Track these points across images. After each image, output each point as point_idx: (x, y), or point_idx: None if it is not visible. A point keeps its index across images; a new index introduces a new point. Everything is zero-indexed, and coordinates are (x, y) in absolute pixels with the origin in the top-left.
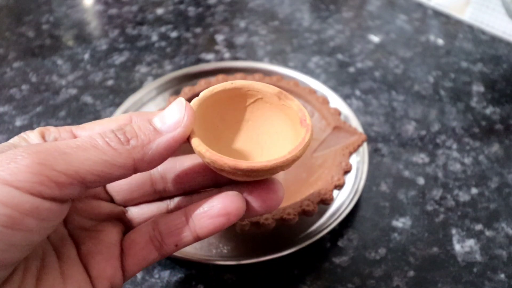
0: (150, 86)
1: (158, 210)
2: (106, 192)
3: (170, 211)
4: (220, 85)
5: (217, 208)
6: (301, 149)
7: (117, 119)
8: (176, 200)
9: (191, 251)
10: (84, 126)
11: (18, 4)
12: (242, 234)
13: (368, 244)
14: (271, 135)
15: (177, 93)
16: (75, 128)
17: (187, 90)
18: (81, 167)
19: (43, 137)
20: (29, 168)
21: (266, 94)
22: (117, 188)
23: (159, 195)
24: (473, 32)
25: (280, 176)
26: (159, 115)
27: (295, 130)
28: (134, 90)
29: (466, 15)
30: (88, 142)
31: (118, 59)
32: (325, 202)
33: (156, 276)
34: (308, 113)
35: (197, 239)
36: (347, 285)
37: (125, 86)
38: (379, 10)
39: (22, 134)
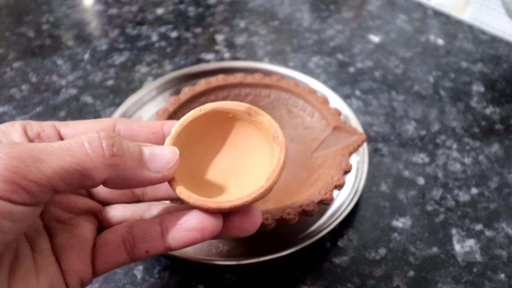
0: (150, 86)
1: (132, 214)
2: (86, 189)
3: (145, 218)
4: (189, 114)
5: (193, 222)
6: (277, 173)
7: (101, 121)
8: (152, 206)
9: (191, 251)
10: (68, 123)
11: (18, 4)
12: None
13: (368, 244)
14: (248, 151)
15: (177, 93)
16: (58, 124)
17: (187, 90)
18: (53, 176)
19: (25, 131)
20: (0, 176)
21: (237, 112)
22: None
23: (137, 199)
24: (473, 32)
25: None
26: (150, 149)
27: (270, 145)
28: (134, 90)
29: (466, 15)
30: (65, 148)
31: (118, 59)
32: (325, 202)
33: (156, 276)
34: (308, 113)
35: (169, 249)
36: (347, 285)
37: (125, 86)
38: (379, 10)
39: (2, 126)
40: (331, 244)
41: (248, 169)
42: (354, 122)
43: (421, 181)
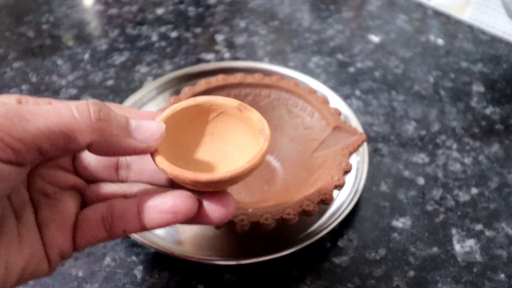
0: (150, 86)
1: (114, 193)
2: (74, 166)
3: (125, 196)
4: (182, 103)
5: (168, 205)
6: (258, 158)
7: None
8: (133, 187)
9: (191, 251)
10: (63, 102)
11: (18, 4)
12: (242, 234)
13: (368, 244)
14: (234, 145)
15: (177, 93)
16: (55, 102)
17: (187, 90)
18: (39, 135)
19: (19, 103)
20: None
21: (228, 107)
22: (85, 164)
23: (120, 181)
24: (473, 32)
25: (280, 176)
26: (137, 121)
27: (256, 140)
28: (134, 90)
29: (466, 15)
30: (52, 109)
31: (118, 59)
32: (325, 202)
33: (156, 276)
34: (308, 113)
35: (144, 229)
36: (347, 285)
37: (125, 86)
38: (379, 10)
39: None
40: (331, 244)
41: (232, 162)
42: (354, 122)
43: (421, 181)
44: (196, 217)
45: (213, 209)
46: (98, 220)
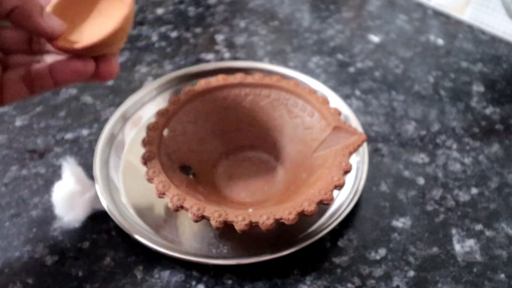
0: (150, 86)
1: (31, 60)
2: None
3: (41, 63)
4: None
5: (72, 66)
6: (119, 22)
7: None
8: (47, 56)
9: (191, 251)
10: None
11: None
12: (242, 234)
13: (368, 244)
14: (115, 19)
15: (177, 93)
16: None
17: (187, 90)
18: None
19: None
20: None
21: None
22: (3, 38)
23: (36, 53)
24: (473, 32)
25: (280, 176)
26: (49, 13)
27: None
28: (134, 90)
29: (466, 15)
30: None
31: (118, 59)
32: (325, 202)
33: (156, 276)
34: (308, 113)
35: (56, 85)
36: (347, 285)
37: (125, 86)
38: (379, 10)
39: None
40: (331, 244)
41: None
42: (354, 122)
43: (421, 181)
44: (94, 75)
45: (104, 69)
46: (19, 79)
